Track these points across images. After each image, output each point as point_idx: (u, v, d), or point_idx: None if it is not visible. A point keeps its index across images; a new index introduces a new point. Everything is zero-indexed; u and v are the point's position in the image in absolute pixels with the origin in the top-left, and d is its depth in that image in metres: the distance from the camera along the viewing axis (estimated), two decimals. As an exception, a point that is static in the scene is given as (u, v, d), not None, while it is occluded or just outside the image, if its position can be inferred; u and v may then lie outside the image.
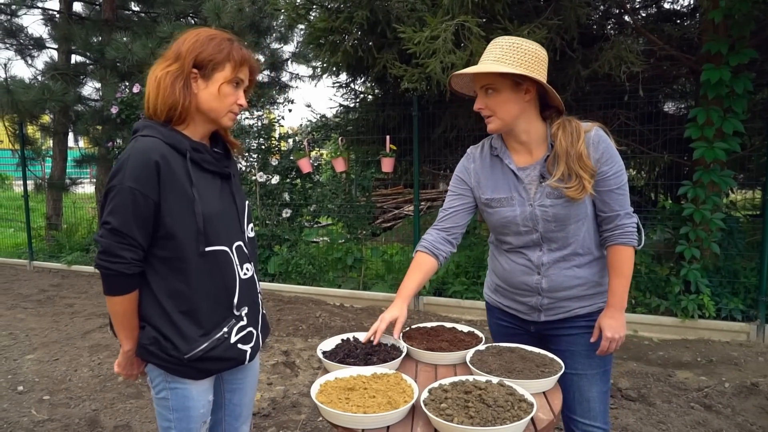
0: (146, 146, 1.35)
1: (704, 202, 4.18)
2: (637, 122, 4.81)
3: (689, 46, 4.96)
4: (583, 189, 1.49)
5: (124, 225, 1.33)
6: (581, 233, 1.58)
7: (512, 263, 1.64)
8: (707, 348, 4.03)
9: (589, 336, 1.63)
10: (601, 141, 1.53)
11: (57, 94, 6.30)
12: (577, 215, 1.56)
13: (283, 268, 5.89)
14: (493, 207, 1.62)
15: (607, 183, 1.54)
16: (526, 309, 1.66)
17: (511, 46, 1.51)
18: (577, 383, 1.62)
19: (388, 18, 4.43)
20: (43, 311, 5.18)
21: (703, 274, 4.29)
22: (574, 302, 1.61)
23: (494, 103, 1.54)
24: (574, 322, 1.63)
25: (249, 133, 6.37)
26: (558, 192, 1.52)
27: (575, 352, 1.62)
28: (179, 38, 1.45)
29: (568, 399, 1.63)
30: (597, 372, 1.63)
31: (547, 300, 1.61)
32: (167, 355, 1.39)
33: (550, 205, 1.53)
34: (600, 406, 1.62)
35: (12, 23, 7.78)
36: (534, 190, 1.56)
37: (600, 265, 1.64)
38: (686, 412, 3.01)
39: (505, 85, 1.51)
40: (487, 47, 1.57)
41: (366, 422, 1.23)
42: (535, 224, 1.56)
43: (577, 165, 1.49)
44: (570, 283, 1.59)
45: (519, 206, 1.57)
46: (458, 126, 5.56)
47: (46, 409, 3.12)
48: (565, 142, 1.51)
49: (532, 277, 1.61)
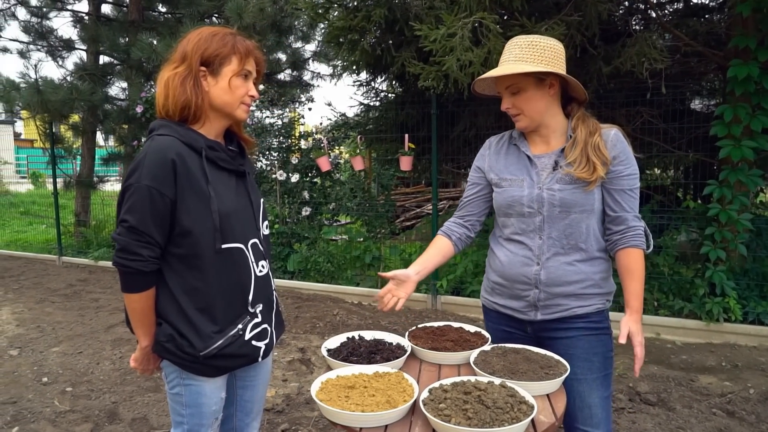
0: (162, 145, 1.37)
1: (731, 202, 4.05)
2: (661, 120, 4.69)
3: (717, 42, 4.81)
4: (595, 170, 1.51)
5: (142, 223, 1.34)
6: (583, 226, 1.57)
7: (511, 254, 1.63)
8: (733, 353, 3.91)
9: (587, 338, 1.59)
10: (618, 141, 1.57)
11: (85, 93, 6.46)
12: (583, 205, 1.55)
13: (303, 266, 5.93)
14: (502, 186, 1.64)
15: (620, 182, 1.56)
16: (523, 306, 1.63)
17: (529, 44, 1.55)
18: (577, 389, 1.57)
19: (407, 16, 4.41)
20: (69, 305, 5.33)
21: (730, 276, 4.16)
22: (572, 300, 1.58)
23: (521, 102, 1.58)
24: (572, 323, 1.59)
25: (270, 131, 6.43)
26: (569, 178, 1.55)
27: (574, 356, 1.57)
28: (183, 40, 1.47)
29: (568, 406, 1.58)
30: (597, 377, 1.58)
31: (545, 295, 1.58)
32: (183, 352, 1.41)
33: (558, 190, 1.55)
34: (602, 413, 1.57)
35: (42, 26, 8.01)
36: (546, 175, 1.59)
37: (602, 267, 1.61)
38: (707, 418, 2.93)
39: (529, 83, 1.55)
40: (505, 48, 1.60)
41: (364, 421, 1.22)
42: (540, 206, 1.57)
43: (593, 152, 1.53)
44: (569, 278, 1.57)
45: (528, 188, 1.59)
46: (478, 124, 5.51)
47: (68, 400, 3.21)
48: (584, 132, 1.56)
49: (531, 267, 1.59)
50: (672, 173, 5.94)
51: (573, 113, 1.61)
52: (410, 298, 5.25)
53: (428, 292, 5.22)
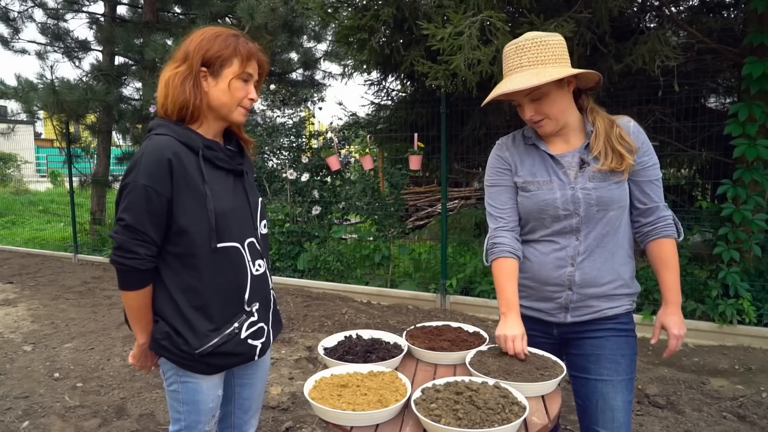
0: (159, 144, 1.37)
1: (745, 202, 3.97)
2: (674, 118, 4.61)
3: (734, 39, 4.72)
4: (623, 160, 1.47)
5: (138, 221, 1.36)
6: (618, 223, 1.53)
7: (542, 256, 1.55)
8: (746, 355, 3.84)
9: (616, 339, 1.54)
10: (639, 131, 1.54)
11: (99, 94, 6.56)
12: (620, 200, 1.51)
13: (312, 265, 5.95)
14: (530, 190, 1.55)
15: (647, 173, 1.53)
16: (553, 308, 1.56)
17: (538, 45, 1.46)
18: (601, 390, 1.51)
19: (416, 15, 4.39)
20: (83, 302, 5.41)
21: (743, 277, 4.08)
22: (603, 301, 1.53)
23: (545, 107, 1.50)
24: (602, 324, 1.54)
25: (281, 131, 6.46)
26: (601, 175, 1.49)
27: (601, 356, 1.52)
28: (186, 39, 1.48)
29: (590, 408, 1.54)
30: (623, 379, 1.52)
31: (577, 296, 1.52)
32: (179, 350, 1.42)
33: (593, 188, 1.49)
34: (624, 417, 1.51)
35: (59, 27, 8.14)
36: (574, 174, 1.52)
37: (631, 266, 1.58)
38: (717, 422, 2.87)
39: (551, 86, 1.48)
40: (509, 52, 1.51)
41: (354, 419, 1.22)
42: (576, 208, 1.50)
43: (617, 142, 1.49)
44: (603, 279, 1.52)
45: (559, 189, 1.52)
46: (488, 123, 5.48)
47: (78, 395, 3.26)
48: (603, 123, 1.52)
49: (565, 269, 1.52)
50: (685, 172, 5.84)
51: (586, 106, 1.57)
52: (419, 298, 5.25)
53: (437, 291, 5.20)
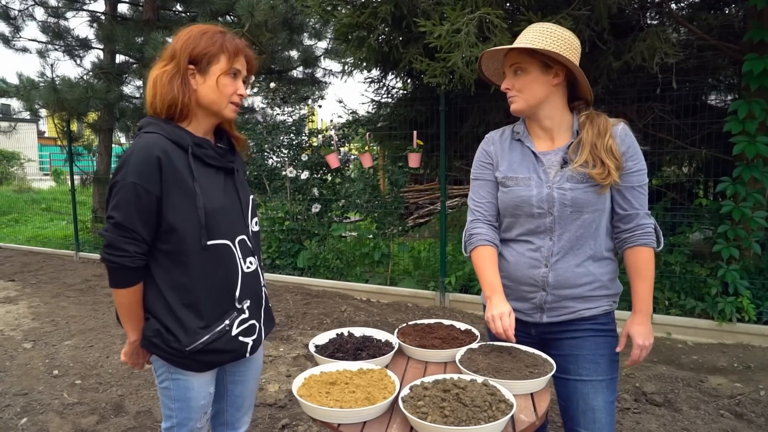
0: (148, 142, 1.38)
1: (744, 200, 3.96)
2: (674, 116, 4.59)
3: (735, 36, 4.69)
4: (609, 175, 1.46)
5: (127, 219, 1.36)
6: (594, 226, 1.52)
7: (517, 255, 1.57)
8: (746, 353, 3.82)
9: (594, 339, 1.54)
10: (627, 136, 1.52)
11: (100, 92, 6.57)
12: (595, 204, 1.50)
13: (312, 263, 5.96)
14: (509, 186, 1.57)
15: (630, 179, 1.51)
16: (528, 308, 1.57)
17: (544, 30, 1.51)
18: (581, 390, 1.52)
19: (414, 12, 4.38)
20: (84, 300, 5.43)
21: (743, 275, 4.07)
22: (579, 303, 1.53)
23: (521, 83, 1.52)
24: (579, 324, 1.55)
25: (281, 129, 6.46)
26: (580, 177, 1.48)
27: (580, 357, 1.53)
28: (174, 38, 1.48)
29: (570, 409, 1.54)
30: (604, 379, 1.52)
31: (552, 297, 1.53)
32: (169, 347, 1.43)
33: (570, 189, 1.49)
34: (606, 417, 1.51)
35: (59, 26, 8.15)
36: (554, 173, 1.52)
37: (610, 268, 1.56)
38: (714, 420, 2.87)
39: (534, 66, 1.50)
40: (525, 30, 1.55)
41: (341, 417, 1.22)
42: (550, 207, 1.50)
43: (605, 155, 1.47)
44: (578, 281, 1.52)
45: (536, 187, 1.52)
46: (488, 120, 5.47)
47: (77, 392, 3.27)
48: (591, 133, 1.50)
49: (539, 270, 1.53)
50: (685, 170, 5.82)
51: (579, 110, 1.56)
52: (418, 295, 5.25)
53: (436, 289, 5.20)
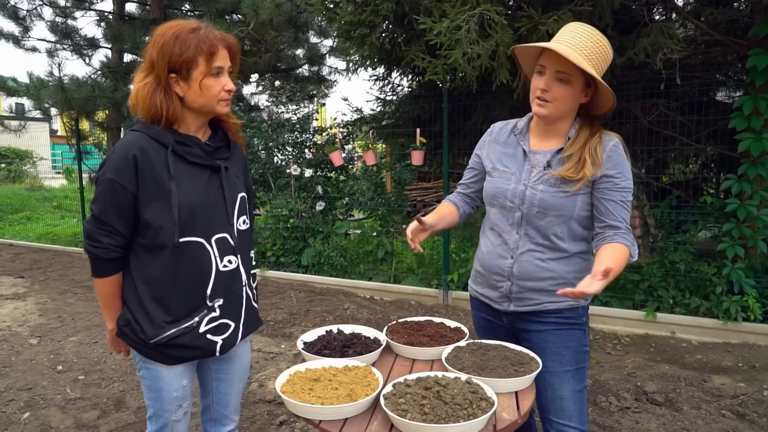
0: (128, 140, 1.43)
1: (750, 198, 3.91)
2: (679, 112, 4.54)
3: (740, 30, 4.62)
4: (582, 168, 1.49)
5: (103, 213, 1.42)
6: (560, 229, 1.57)
7: (490, 245, 1.67)
8: (751, 353, 3.78)
9: (558, 332, 1.59)
10: (615, 153, 1.53)
11: (107, 91, 6.63)
12: (560, 209, 1.54)
13: (316, 260, 5.97)
14: (493, 176, 1.67)
15: (613, 194, 1.52)
16: (498, 296, 1.65)
17: (596, 42, 1.47)
18: (548, 381, 1.59)
19: (416, 9, 4.37)
20: (90, 296, 5.49)
21: (749, 274, 4.02)
22: (543, 295, 1.59)
23: (560, 92, 1.50)
24: (544, 317, 1.60)
25: (285, 127, 6.47)
26: (554, 180, 1.54)
27: (545, 349, 1.60)
28: (150, 40, 1.46)
29: (542, 398, 1.61)
30: (569, 370, 1.59)
31: (517, 287, 1.60)
32: (137, 337, 1.48)
33: (541, 191, 1.55)
34: (574, 405, 1.59)
35: (68, 25, 8.23)
36: (536, 173, 1.58)
37: (578, 267, 1.59)
38: (715, 420, 2.84)
39: (580, 81, 1.51)
40: (577, 30, 1.49)
41: (323, 413, 1.23)
42: (521, 203, 1.58)
43: (587, 151, 1.51)
44: (540, 275, 1.58)
45: (514, 183, 1.60)
46: (491, 117, 5.44)
47: (80, 388, 3.31)
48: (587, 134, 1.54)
49: (506, 260, 1.62)
50: (691, 167, 5.75)
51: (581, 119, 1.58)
52: (422, 293, 5.24)
53: (439, 287, 5.19)
